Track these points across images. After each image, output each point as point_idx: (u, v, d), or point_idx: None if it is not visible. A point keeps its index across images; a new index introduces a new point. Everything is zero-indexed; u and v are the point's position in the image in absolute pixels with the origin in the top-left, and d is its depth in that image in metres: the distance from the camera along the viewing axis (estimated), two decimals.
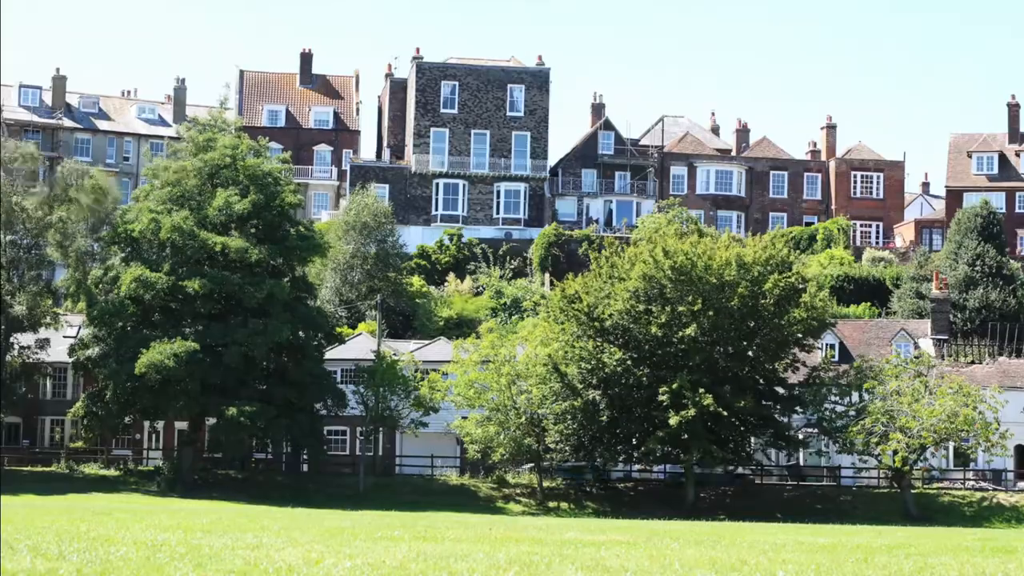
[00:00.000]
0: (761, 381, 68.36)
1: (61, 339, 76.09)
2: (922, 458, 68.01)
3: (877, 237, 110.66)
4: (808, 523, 56.70)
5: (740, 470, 72.29)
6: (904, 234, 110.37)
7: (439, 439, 74.83)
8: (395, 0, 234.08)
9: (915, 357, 71.64)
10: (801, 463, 74.79)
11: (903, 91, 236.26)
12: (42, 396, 79.49)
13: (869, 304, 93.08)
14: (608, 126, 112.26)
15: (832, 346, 77.71)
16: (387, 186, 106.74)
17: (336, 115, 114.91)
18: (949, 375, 69.20)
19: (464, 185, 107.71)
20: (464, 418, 70.13)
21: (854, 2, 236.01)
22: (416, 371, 73.38)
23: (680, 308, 65.25)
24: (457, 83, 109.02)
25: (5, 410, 75.19)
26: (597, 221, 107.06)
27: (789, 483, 73.41)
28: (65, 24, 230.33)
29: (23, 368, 75.29)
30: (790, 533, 41.20)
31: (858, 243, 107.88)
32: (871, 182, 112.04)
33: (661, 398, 63.90)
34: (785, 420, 68.81)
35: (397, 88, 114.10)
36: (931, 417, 64.49)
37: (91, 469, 72.18)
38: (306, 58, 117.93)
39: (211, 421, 70.11)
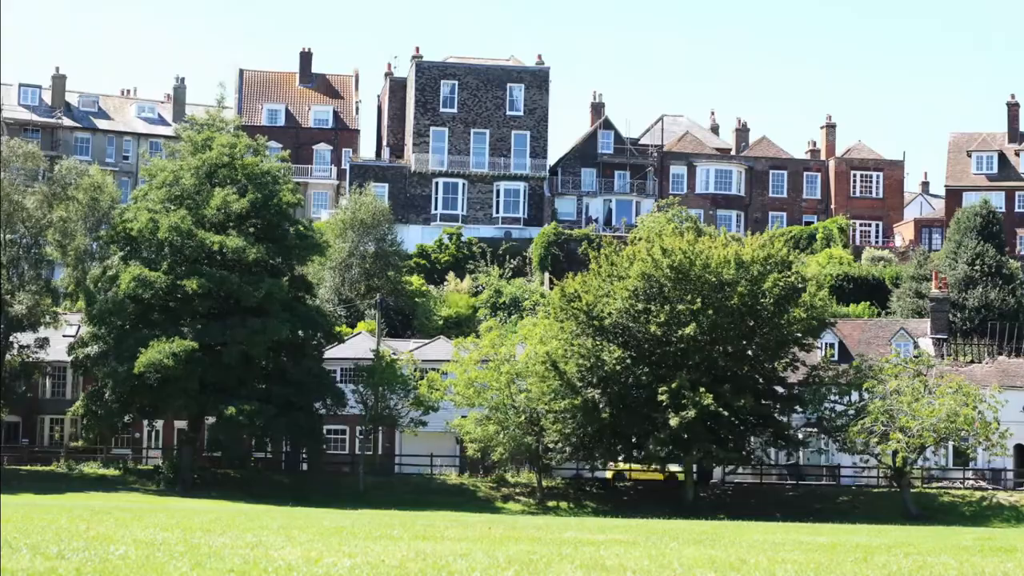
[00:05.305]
0: (761, 380, 68.33)
1: (60, 338, 76.05)
2: (922, 457, 68.00)
3: (877, 236, 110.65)
4: (808, 522, 56.69)
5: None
6: (904, 233, 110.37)
7: (438, 438, 74.81)
8: (395, 0, 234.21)
9: (915, 356, 71.61)
10: (801, 462, 74.76)
11: (903, 91, 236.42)
12: (41, 395, 79.45)
13: (868, 303, 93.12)
14: (608, 125, 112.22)
15: (832, 345, 77.68)
16: (386, 185, 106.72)
17: (336, 114, 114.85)
18: (949, 374, 69.16)
19: (463, 184, 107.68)
20: (463, 417, 70.08)
21: (854, 2, 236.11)
22: (415, 370, 73.30)
23: (679, 307, 65.22)
24: (456, 82, 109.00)
25: (5, 409, 75.16)
26: (596, 220, 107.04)
27: (789, 482, 73.42)
28: (65, 23, 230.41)
29: (23, 367, 75.23)
30: (790, 532, 41.21)
31: (858, 242, 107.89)
32: (871, 181, 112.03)
33: (660, 398, 63.84)
34: (785, 419, 68.80)
35: (397, 87, 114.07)
36: (931, 417, 64.47)
37: (90, 468, 72.09)
38: (306, 57, 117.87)
39: (210, 420, 70.08)
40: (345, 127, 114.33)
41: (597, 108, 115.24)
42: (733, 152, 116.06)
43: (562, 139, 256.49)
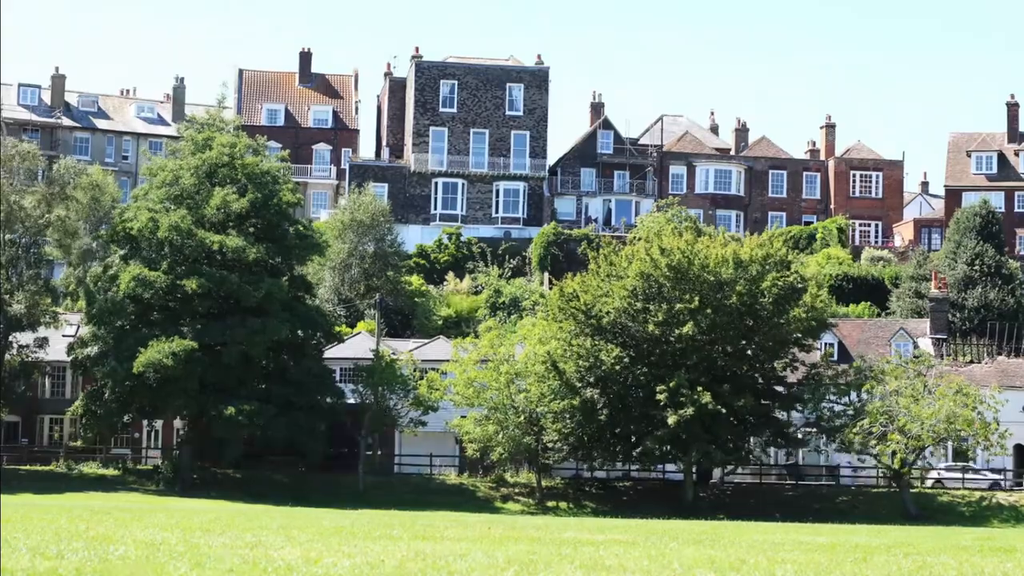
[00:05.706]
0: (760, 380, 68.31)
1: (60, 338, 76.00)
2: (921, 457, 67.96)
3: (876, 236, 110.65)
4: (807, 522, 56.70)
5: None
6: (903, 233, 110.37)
7: (438, 438, 74.78)
8: (395, 0, 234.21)
9: (914, 356, 71.57)
10: (800, 462, 74.76)
11: (903, 91, 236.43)
12: (41, 395, 79.42)
13: (868, 303, 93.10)
14: (607, 125, 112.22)
15: (831, 345, 77.63)
16: (386, 185, 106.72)
17: (335, 114, 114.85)
18: (948, 375, 69.11)
19: (463, 184, 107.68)
20: (463, 417, 70.07)
21: (854, 2, 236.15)
22: (415, 370, 73.28)
23: (678, 306, 65.21)
24: (456, 82, 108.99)
25: (4, 409, 75.14)
26: (596, 220, 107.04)
27: (788, 482, 73.40)
28: (65, 23, 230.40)
29: (22, 367, 75.22)
30: (789, 532, 41.24)
31: (857, 242, 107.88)
32: (870, 181, 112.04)
33: (659, 397, 63.81)
34: (784, 419, 68.75)
35: (396, 87, 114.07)
36: (930, 418, 64.42)
37: (90, 468, 72.06)
38: (305, 57, 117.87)
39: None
40: (345, 127, 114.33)
41: (597, 108, 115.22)
42: (733, 152, 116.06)
43: (562, 139, 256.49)
